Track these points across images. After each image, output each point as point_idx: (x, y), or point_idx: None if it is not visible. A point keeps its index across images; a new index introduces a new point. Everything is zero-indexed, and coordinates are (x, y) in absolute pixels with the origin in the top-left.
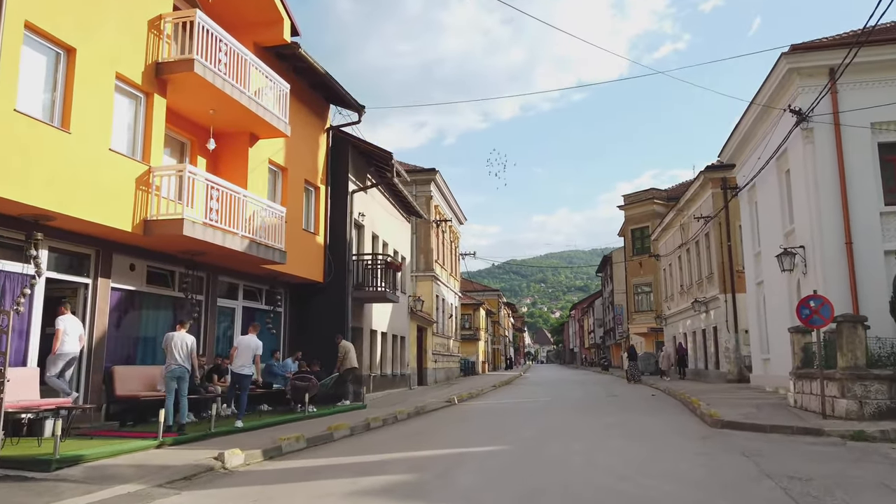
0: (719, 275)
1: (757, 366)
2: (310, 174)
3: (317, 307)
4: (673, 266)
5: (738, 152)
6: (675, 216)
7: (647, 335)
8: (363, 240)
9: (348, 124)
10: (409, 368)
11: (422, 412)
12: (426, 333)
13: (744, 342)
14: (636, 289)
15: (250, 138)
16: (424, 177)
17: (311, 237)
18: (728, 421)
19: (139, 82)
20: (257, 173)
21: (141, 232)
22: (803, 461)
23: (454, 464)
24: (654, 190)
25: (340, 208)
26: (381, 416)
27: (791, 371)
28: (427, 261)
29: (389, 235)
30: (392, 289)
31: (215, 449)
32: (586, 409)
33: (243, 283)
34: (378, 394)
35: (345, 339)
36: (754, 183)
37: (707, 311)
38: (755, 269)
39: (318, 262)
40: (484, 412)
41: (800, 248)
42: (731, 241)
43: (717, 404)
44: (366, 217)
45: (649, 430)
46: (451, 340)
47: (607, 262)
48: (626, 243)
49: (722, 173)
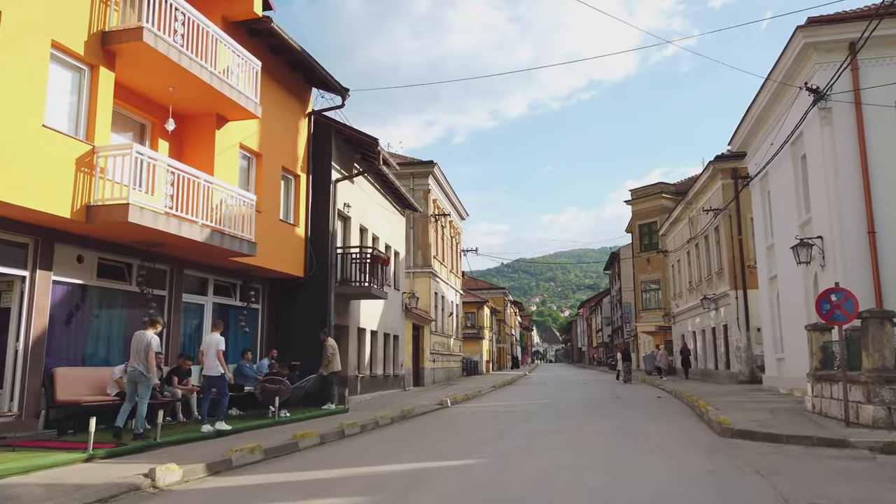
0: (729, 270)
1: (770, 366)
2: (288, 161)
3: (298, 304)
4: (681, 262)
5: (749, 139)
6: (683, 210)
7: (654, 334)
8: (349, 232)
9: (331, 108)
10: (403, 369)
11: (408, 416)
12: (423, 332)
13: (756, 341)
14: (644, 286)
15: (217, 120)
16: (422, 170)
17: (290, 229)
18: (739, 430)
19: (81, 52)
20: (226, 158)
21: (83, 219)
22: (828, 481)
23: (417, 482)
24: (662, 184)
25: (323, 198)
26: (359, 422)
27: (808, 373)
28: (425, 257)
29: (381, 229)
30: (379, 284)
31: (154, 463)
32: (585, 413)
33: (214, 278)
34: (366, 396)
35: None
36: (767, 171)
37: (717, 309)
38: (768, 262)
39: (299, 256)
40: (473, 416)
41: (817, 239)
42: (741, 234)
43: (726, 408)
44: (352, 208)
45: (650, 439)
46: (451, 339)
47: (615, 259)
48: (634, 239)
49: (732, 163)
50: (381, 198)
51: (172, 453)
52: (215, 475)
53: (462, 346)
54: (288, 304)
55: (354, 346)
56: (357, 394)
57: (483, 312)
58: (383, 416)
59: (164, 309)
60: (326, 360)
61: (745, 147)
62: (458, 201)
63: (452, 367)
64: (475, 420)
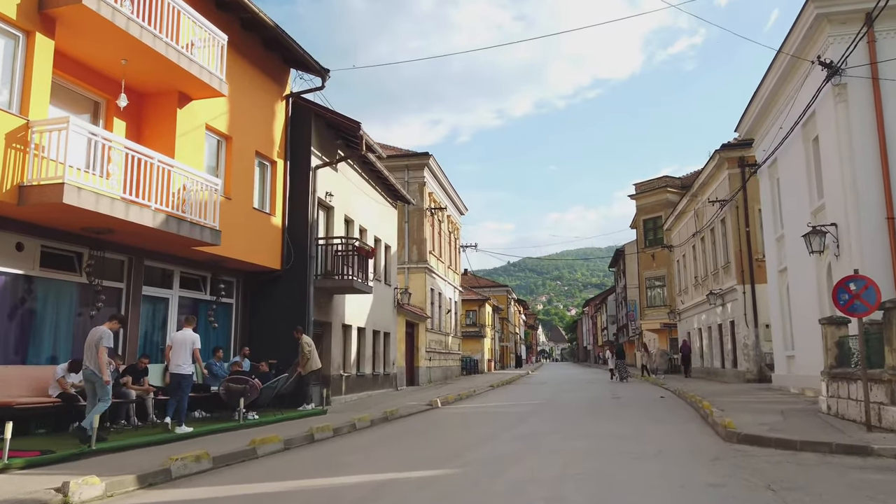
0: (736, 264)
1: (780, 364)
2: (264, 145)
3: (274, 298)
4: (687, 257)
5: (757, 124)
6: (688, 202)
7: (660, 331)
8: (332, 223)
9: (310, 90)
10: (395, 367)
11: (390, 419)
12: (418, 329)
13: (764, 338)
14: (648, 282)
15: (179, 98)
16: (417, 161)
17: (266, 218)
18: (747, 434)
19: (13, 17)
20: (189, 140)
21: (14, 200)
22: (851, 499)
23: (373, 497)
24: (668, 178)
25: (302, 186)
26: (333, 426)
27: (823, 371)
28: (420, 252)
29: (369, 220)
30: (364, 278)
31: (83, 473)
32: (580, 415)
33: (180, 270)
34: (352, 396)
35: (305, 333)
36: (776, 156)
37: (723, 305)
38: (777, 254)
39: (275, 247)
40: (461, 419)
41: (831, 227)
42: (749, 226)
43: (733, 410)
44: (336, 197)
45: (647, 445)
46: (449, 337)
47: (620, 255)
48: (638, 235)
49: (739, 152)
50: (370, 188)
51: (107, 462)
52: (147, 488)
53: (461, 345)
54: (264, 298)
55: (339, 344)
56: (342, 394)
57: (485, 310)
58: (362, 419)
59: (120, 302)
60: (304, 358)
61: (752, 133)
62: (457, 195)
63: (451, 365)
64: (462, 423)
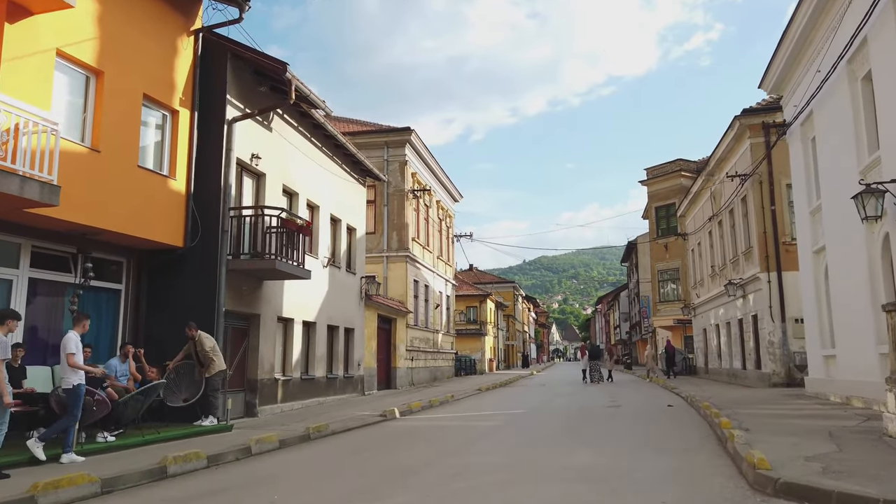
0: (760, 249)
1: (815, 366)
2: (158, 89)
3: (179, 284)
4: (702, 244)
5: (787, 73)
6: (704, 182)
7: (673, 328)
8: (263, 194)
9: (223, 24)
10: (362, 369)
11: (313, 436)
12: (396, 325)
13: (794, 334)
14: (661, 275)
15: (8, 8)
16: (396, 137)
17: (161, 181)
18: (791, 483)
19: None
20: (28, 68)
21: None
22: None
23: None
24: (682, 161)
25: (213, 143)
26: (210, 452)
27: (888, 377)
28: (401, 238)
29: (323, 196)
30: (298, 259)
31: None
32: (558, 434)
33: (31, 243)
34: (294, 405)
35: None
36: (811, 108)
37: (744, 296)
38: (812, 232)
39: (176, 218)
40: (406, 438)
41: (890, 185)
42: (775, 204)
43: (762, 429)
44: (268, 162)
45: (628, 497)
46: (438, 334)
47: (632, 249)
48: (651, 224)
49: (762, 117)
50: (326, 159)
51: None
52: None
53: (454, 343)
54: (165, 283)
55: (272, 341)
56: (277, 402)
57: (486, 306)
58: (265, 439)
59: None
60: (207, 359)
61: (780, 88)
62: (449, 179)
63: (441, 366)
64: (396, 445)
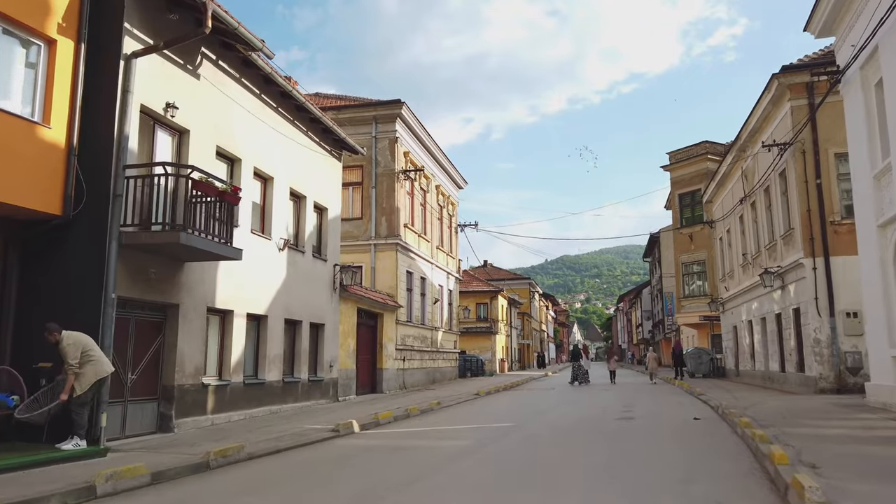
0: (803, 230)
1: (880, 369)
2: (24, 10)
3: (59, 263)
4: (732, 231)
5: (840, 9)
6: (734, 160)
7: (699, 326)
8: (186, 154)
9: None
10: (334, 371)
11: (222, 463)
12: (383, 321)
13: (846, 331)
14: (685, 269)
15: None
16: (385, 111)
17: (28, 130)
18: None
19: None
20: None
21: None
22: None
23: None
24: (708, 143)
25: (106, 83)
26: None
27: None
28: (390, 224)
29: (277, 165)
30: (223, 235)
31: None
32: (543, 464)
33: None
34: (229, 416)
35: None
36: (876, 44)
37: (783, 287)
38: (877, 201)
39: (51, 178)
40: (338, 468)
41: None
42: (821, 177)
43: (833, 466)
44: (189, 115)
45: None
46: (438, 332)
47: (655, 243)
48: (674, 214)
49: (805, 75)
50: (284, 123)
51: None
52: None
53: (458, 341)
54: (38, 263)
55: (198, 338)
56: (206, 413)
57: (497, 303)
58: (124, 474)
59: None
60: (72, 368)
61: (831, 29)
62: (450, 162)
63: (440, 366)
64: (319, 479)
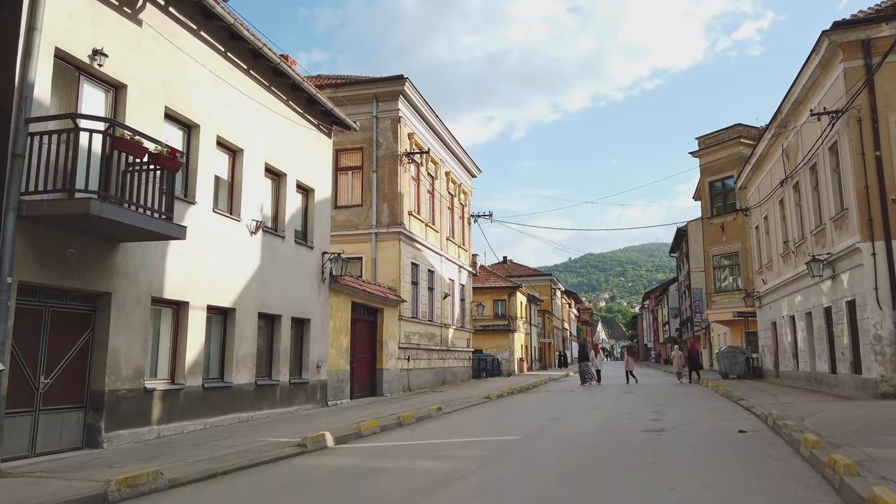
0: (860, 210)
1: None
2: None
3: None
4: (771, 217)
5: None
6: (774, 137)
7: (732, 323)
8: (123, 115)
9: None
10: (322, 372)
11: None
12: (383, 317)
13: None
14: (716, 262)
15: None
16: (386, 88)
17: None
18: None
19: None
20: None
21: None
22: None
23: None
24: (741, 126)
25: (8, 18)
26: None
27: None
28: (393, 211)
29: (248, 136)
30: (151, 207)
31: None
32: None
33: None
34: (181, 426)
35: None
36: None
37: (834, 277)
38: None
39: None
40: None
41: None
42: (879, 149)
43: None
44: (127, 67)
45: None
46: (448, 329)
47: (682, 237)
48: (703, 203)
49: (860, 32)
50: (259, 90)
51: None
52: None
53: (471, 340)
54: None
55: (139, 334)
56: (150, 423)
57: (516, 300)
58: None
59: None
60: None
61: None
62: (461, 147)
63: (451, 367)
64: None
